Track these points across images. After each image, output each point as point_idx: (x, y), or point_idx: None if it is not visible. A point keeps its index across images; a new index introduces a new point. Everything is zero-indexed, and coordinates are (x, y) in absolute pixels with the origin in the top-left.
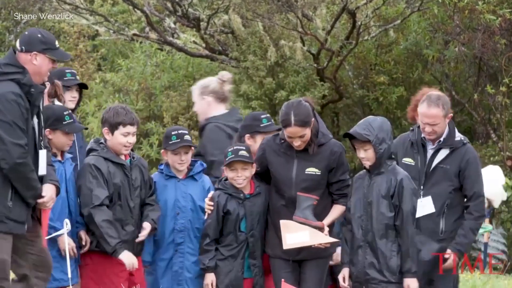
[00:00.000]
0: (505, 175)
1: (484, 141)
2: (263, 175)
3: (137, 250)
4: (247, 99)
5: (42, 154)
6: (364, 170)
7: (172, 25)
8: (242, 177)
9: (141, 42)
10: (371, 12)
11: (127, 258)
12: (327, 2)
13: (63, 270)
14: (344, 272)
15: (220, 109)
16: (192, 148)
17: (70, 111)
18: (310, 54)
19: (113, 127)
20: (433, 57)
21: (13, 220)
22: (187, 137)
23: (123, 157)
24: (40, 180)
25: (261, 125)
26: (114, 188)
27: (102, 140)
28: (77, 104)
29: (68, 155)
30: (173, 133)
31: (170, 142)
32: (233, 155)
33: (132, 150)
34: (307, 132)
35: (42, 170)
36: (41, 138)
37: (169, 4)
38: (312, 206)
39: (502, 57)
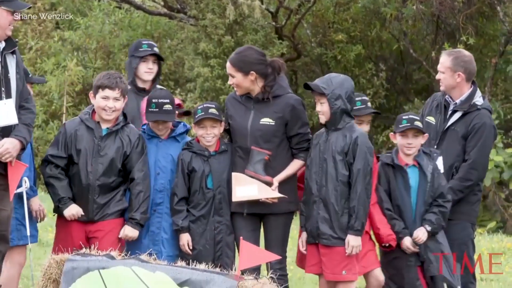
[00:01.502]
0: None
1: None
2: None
3: (92, 213)
4: (205, 57)
5: (1, 104)
6: (323, 128)
7: None
8: (211, 135)
9: (99, 0)
10: None
11: (68, 211)
12: None
13: (34, 227)
14: (303, 237)
15: None
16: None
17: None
18: (269, 12)
19: (94, 91)
20: (391, 15)
21: None
22: (167, 106)
23: (106, 123)
24: (5, 132)
25: (354, 107)
26: (75, 149)
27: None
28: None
29: None
30: (153, 100)
31: (149, 110)
32: (203, 113)
33: (125, 118)
34: (238, 76)
35: (2, 120)
36: (3, 89)
37: None
38: (263, 161)
39: (459, 15)
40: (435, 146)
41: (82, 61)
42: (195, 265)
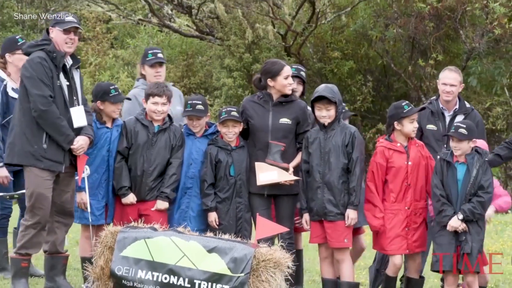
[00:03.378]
0: None
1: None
2: (245, 134)
3: (144, 194)
4: (229, 70)
5: (75, 109)
6: (316, 129)
7: (170, 12)
8: (232, 132)
9: (145, 25)
10: (327, 1)
11: (126, 199)
12: None
13: (92, 212)
14: (306, 217)
15: None
16: (208, 115)
17: (116, 86)
18: (279, 35)
19: (146, 97)
20: (376, 37)
21: (49, 159)
22: (199, 106)
23: (156, 122)
24: (77, 131)
25: (404, 110)
26: (135, 142)
27: None
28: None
29: (119, 121)
30: (188, 102)
31: (185, 109)
32: (226, 115)
33: (170, 119)
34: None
35: (77, 122)
36: (74, 97)
37: None
38: (280, 151)
39: (430, 37)
40: (445, 145)
41: (131, 74)
42: (220, 236)
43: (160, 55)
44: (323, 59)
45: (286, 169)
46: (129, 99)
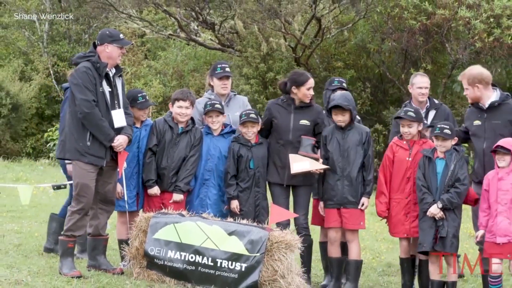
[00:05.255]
0: None
1: None
2: (264, 133)
3: (166, 186)
4: (247, 78)
5: (116, 112)
6: (332, 127)
7: (196, 28)
8: (251, 132)
9: (174, 39)
10: (332, 19)
11: (151, 191)
12: (301, 12)
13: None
14: (321, 205)
15: None
16: (224, 115)
17: (144, 93)
18: (290, 47)
19: (172, 102)
20: (374, 49)
21: (92, 154)
22: (217, 106)
23: (181, 124)
24: (118, 131)
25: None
26: (162, 140)
27: None
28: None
29: (147, 122)
30: (208, 103)
31: (205, 109)
32: (245, 117)
33: (193, 122)
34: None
35: (117, 123)
36: (116, 102)
37: (193, 13)
38: (311, 144)
39: (420, 49)
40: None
41: (162, 81)
42: (239, 221)
43: (227, 69)
44: (328, 68)
45: (317, 159)
46: (156, 105)
